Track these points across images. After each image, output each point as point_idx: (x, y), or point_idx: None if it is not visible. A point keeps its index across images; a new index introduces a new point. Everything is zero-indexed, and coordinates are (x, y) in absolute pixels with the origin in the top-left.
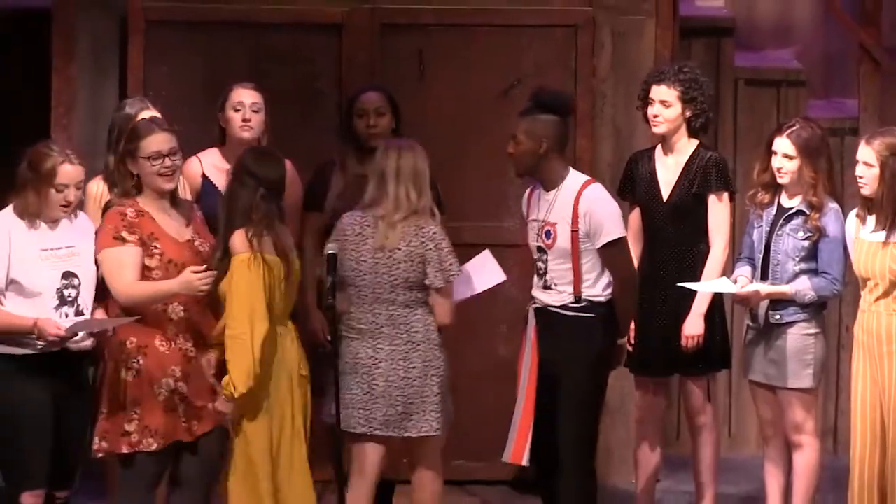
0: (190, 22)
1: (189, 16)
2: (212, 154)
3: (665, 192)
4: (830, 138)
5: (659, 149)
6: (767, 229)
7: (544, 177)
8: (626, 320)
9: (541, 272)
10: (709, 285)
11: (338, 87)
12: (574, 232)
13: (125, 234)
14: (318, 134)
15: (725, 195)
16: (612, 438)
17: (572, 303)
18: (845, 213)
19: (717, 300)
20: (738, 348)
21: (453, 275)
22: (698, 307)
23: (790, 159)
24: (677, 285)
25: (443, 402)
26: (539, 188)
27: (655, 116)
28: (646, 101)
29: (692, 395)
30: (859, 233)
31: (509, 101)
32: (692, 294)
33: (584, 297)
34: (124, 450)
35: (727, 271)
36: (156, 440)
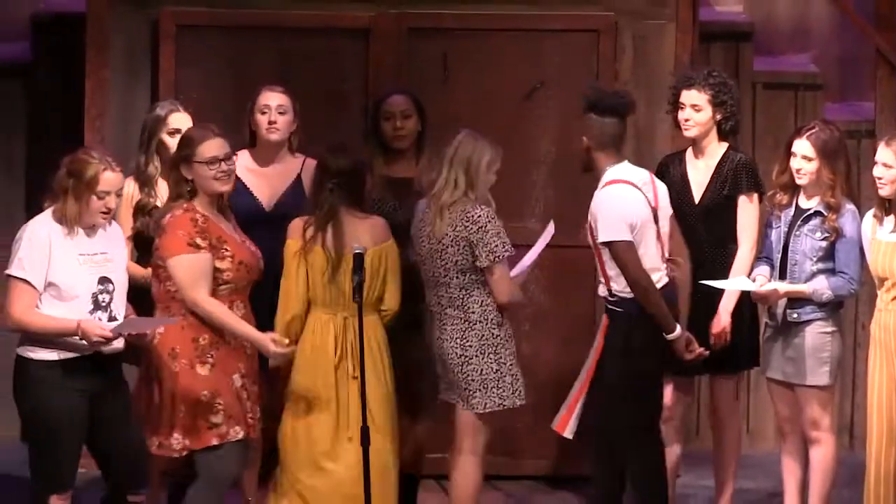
0: (220, 26)
1: (219, 20)
2: (243, 155)
3: (697, 195)
4: (847, 141)
5: (689, 152)
6: (785, 230)
7: (595, 174)
8: (659, 318)
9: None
10: (728, 283)
11: (364, 91)
12: (591, 229)
13: (199, 241)
14: (344, 136)
15: (755, 196)
16: None
17: (609, 296)
18: (861, 215)
19: (747, 299)
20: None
21: (499, 255)
22: (726, 304)
23: (809, 161)
24: (699, 282)
25: (500, 379)
26: None
27: (687, 120)
28: (675, 105)
29: (721, 394)
30: (876, 233)
31: (532, 104)
32: (721, 294)
33: (614, 291)
34: (214, 442)
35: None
36: (242, 428)
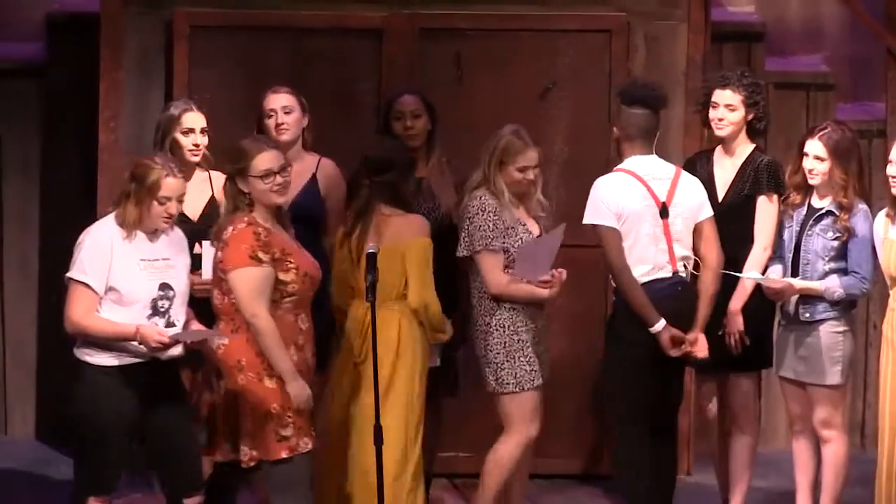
0: (233, 27)
1: (232, 21)
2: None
3: (720, 193)
4: (859, 140)
5: (718, 150)
6: (798, 229)
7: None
8: (636, 310)
9: None
10: (743, 274)
11: (377, 91)
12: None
13: (261, 255)
14: (357, 136)
15: (775, 197)
16: None
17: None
18: (873, 214)
19: (764, 299)
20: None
21: (475, 248)
22: (734, 304)
23: (821, 161)
24: (720, 271)
25: (500, 364)
26: None
27: (721, 120)
28: (706, 104)
29: (738, 392)
30: (888, 233)
31: (544, 104)
32: (731, 294)
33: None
34: (284, 454)
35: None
36: (311, 440)
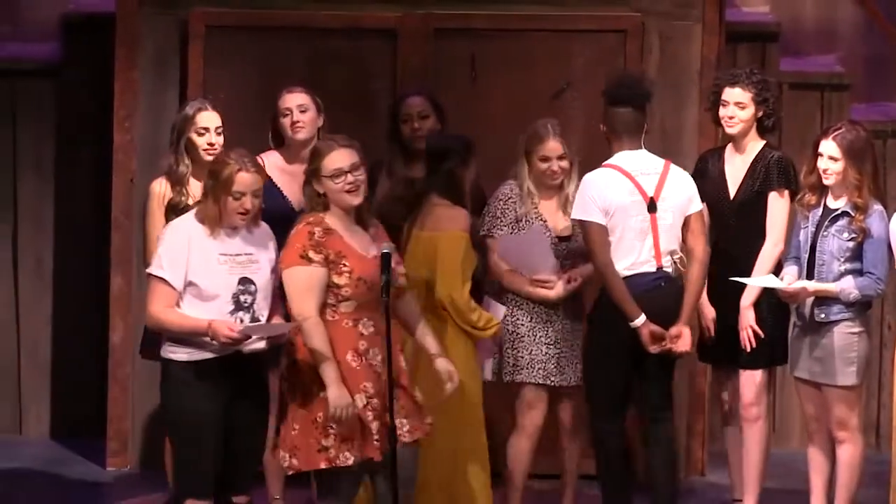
0: (249, 27)
1: (247, 21)
2: (274, 155)
3: (732, 190)
4: (873, 141)
5: (729, 148)
6: (813, 230)
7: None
8: (618, 303)
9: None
10: (757, 281)
11: (391, 91)
12: None
13: (311, 254)
14: (372, 136)
15: (786, 193)
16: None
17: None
18: (889, 215)
19: (772, 296)
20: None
21: (482, 231)
22: (745, 300)
23: (835, 161)
24: (729, 279)
25: (505, 353)
26: None
27: (731, 118)
28: (716, 102)
29: (744, 388)
30: None
31: (559, 104)
32: (743, 289)
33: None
34: (322, 465)
35: (773, 270)
36: (352, 454)
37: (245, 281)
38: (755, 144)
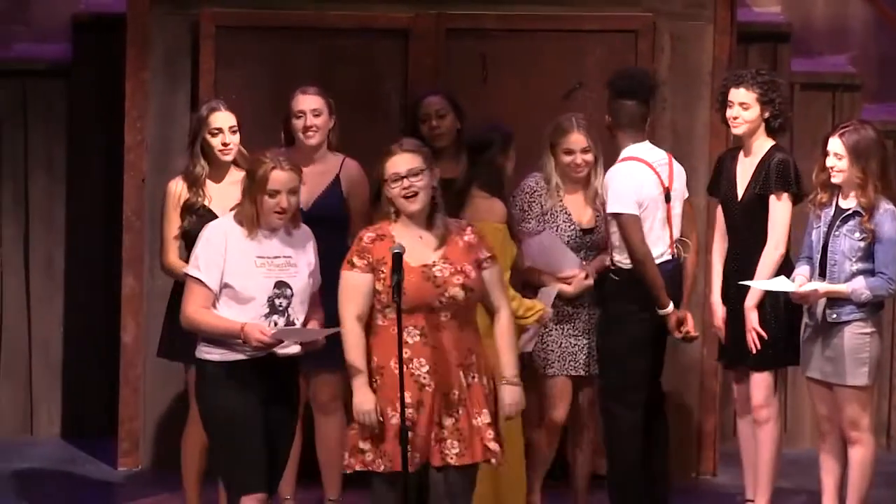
0: (260, 27)
1: (258, 21)
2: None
3: (740, 191)
4: (884, 141)
5: (743, 148)
6: (825, 230)
7: (620, 150)
8: (653, 292)
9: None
10: (768, 283)
11: (403, 91)
12: (603, 203)
13: (355, 259)
14: (383, 135)
15: (785, 196)
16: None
17: (610, 266)
18: None
19: (782, 298)
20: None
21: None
22: (747, 302)
23: (840, 159)
24: (738, 283)
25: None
26: None
27: (735, 118)
28: (724, 103)
29: (754, 390)
30: None
31: (570, 103)
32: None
33: (615, 261)
34: (357, 468)
35: (784, 271)
36: (383, 462)
37: (281, 284)
38: (763, 145)
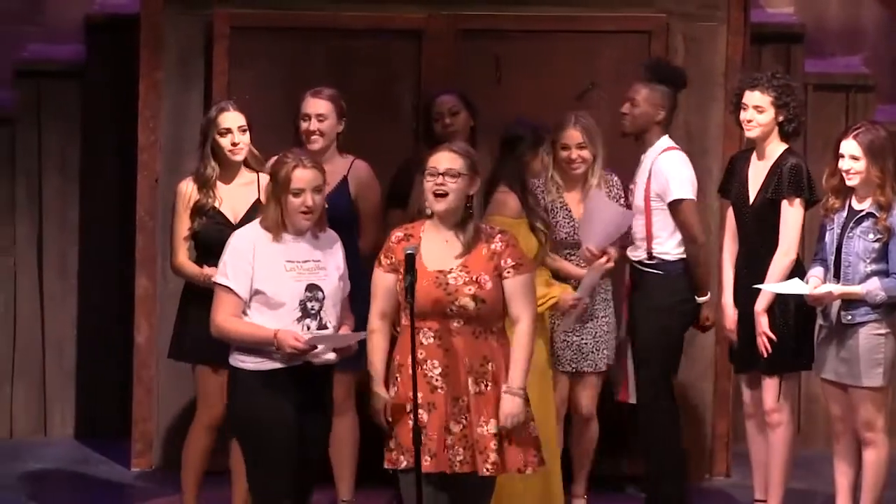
0: (273, 28)
1: (272, 21)
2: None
3: (752, 195)
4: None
5: (756, 151)
6: (839, 231)
7: (646, 140)
8: (697, 279)
9: (630, 229)
10: (782, 286)
11: (416, 92)
12: (647, 190)
13: (382, 258)
14: (396, 136)
15: (797, 201)
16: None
17: (646, 259)
18: None
19: (793, 301)
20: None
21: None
22: (757, 306)
23: (856, 160)
24: (753, 287)
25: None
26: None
27: (749, 121)
28: (738, 106)
29: (765, 394)
30: None
31: (584, 104)
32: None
33: (655, 254)
34: (386, 465)
35: (796, 275)
36: (406, 459)
37: (312, 287)
38: (776, 149)
